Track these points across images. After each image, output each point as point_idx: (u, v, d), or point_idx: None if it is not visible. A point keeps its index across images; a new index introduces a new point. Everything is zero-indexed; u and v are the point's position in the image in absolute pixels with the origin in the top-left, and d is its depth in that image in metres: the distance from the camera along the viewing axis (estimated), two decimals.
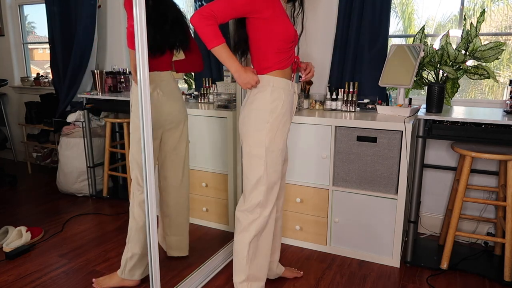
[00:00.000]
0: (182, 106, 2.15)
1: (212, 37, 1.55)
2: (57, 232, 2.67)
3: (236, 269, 1.80)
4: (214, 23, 1.54)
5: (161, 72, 2.05)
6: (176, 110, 2.11)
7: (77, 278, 2.12)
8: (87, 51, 3.45)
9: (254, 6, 1.58)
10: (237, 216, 1.78)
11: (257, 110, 1.68)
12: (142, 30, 1.45)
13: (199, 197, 2.75)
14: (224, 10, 1.55)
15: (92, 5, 3.37)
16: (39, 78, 4.18)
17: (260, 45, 1.67)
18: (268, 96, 1.68)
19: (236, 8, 1.56)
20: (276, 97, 1.68)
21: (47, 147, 4.03)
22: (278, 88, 1.69)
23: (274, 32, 1.63)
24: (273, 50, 1.66)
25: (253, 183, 1.72)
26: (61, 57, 3.51)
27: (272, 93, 1.68)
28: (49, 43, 3.62)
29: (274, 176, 1.73)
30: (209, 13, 1.53)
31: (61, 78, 3.56)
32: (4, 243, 2.43)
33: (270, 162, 1.70)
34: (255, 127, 1.69)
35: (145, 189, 1.60)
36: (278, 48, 1.66)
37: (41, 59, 4.59)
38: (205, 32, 1.55)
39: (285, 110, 1.71)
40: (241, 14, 1.60)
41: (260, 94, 1.69)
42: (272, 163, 1.71)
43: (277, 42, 1.65)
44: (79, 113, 3.21)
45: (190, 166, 2.73)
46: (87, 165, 3.27)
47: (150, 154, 1.57)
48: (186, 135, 2.22)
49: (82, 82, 3.49)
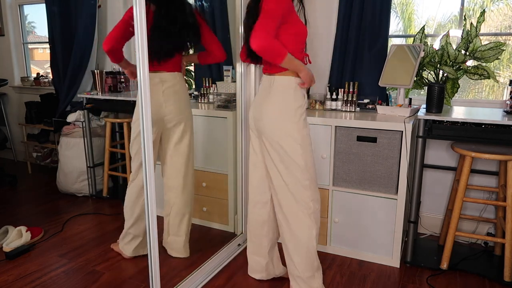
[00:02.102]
0: (184, 106, 2.17)
1: (277, 53, 1.59)
2: (57, 232, 2.67)
3: (306, 265, 1.81)
4: (274, 40, 1.56)
5: (166, 73, 2.06)
6: (176, 110, 2.12)
7: (77, 278, 2.12)
8: (87, 51, 3.45)
9: (284, 11, 1.62)
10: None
11: (285, 112, 1.74)
12: (142, 30, 1.45)
13: (199, 197, 2.75)
14: (272, 25, 1.57)
15: (92, 5, 3.37)
16: (39, 78, 4.18)
17: (287, 48, 1.66)
18: (292, 96, 1.74)
19: (277, 17, 1.59)
20: (299, 96, 1.76)
21: (47, 147, 4.03)
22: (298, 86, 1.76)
23: (297, 33, 1.69)
24: (298, 50, 1.72)
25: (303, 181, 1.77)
26: (61, 57, 3.51)
27: (295, 92, 1.75)
28: (49, 43, 3.62)
29: (311, 167, 1.79)
30: (265, 35, 1.54)
31: (61, 78, 3.56)
32: (4, 243, 2.43)
33: (307, 157, 1.76)
34: (286, 131, 1.74)
35: (145, 189, 1.60)
36: (301, 48, 1.74)
37: (41, 59, 4.60)
38: (271, 52, 1.58)
39: (304, 104, 1.79)
40: (280, 23, 1.63)
41: (286, 95, 1.74)
42: (309, 155, 1.78)
43: (300, 42, 1.72)
44: (79, 113, 3.21)
45: None
46: (87, 165, 3.27)
47: (150, 154, 1.57)
48: (189, 136, 2.22)
49: (82, 82, 3.49)
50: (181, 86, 2.15)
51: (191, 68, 3.24)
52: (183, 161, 2.23)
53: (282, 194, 1.79)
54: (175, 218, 2.27)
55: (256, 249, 2.03)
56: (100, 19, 3.52)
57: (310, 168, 1.77)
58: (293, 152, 1.73)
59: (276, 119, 1.73)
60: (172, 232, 2.29)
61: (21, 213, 2.99)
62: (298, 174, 1.74)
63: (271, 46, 1.55)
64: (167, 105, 2.10)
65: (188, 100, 2.21)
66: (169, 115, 2.12)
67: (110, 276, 2.14)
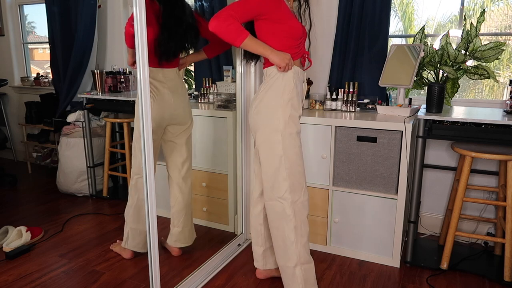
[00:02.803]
0: (187, 103, 2.22)
1: (236, 34, 1.60)
2: (57, 232, 2.67)
3: (286, 254, 1.82)
4: (234, 21, 1.58)
5: (166, 69, 2.09)
6: (181, 107, 2.16)
7: (77, 278, 2.12)
8: (87, 51, 3.45)
9: (264, 8, 1.64)
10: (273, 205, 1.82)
11: (272, 98, 1.75)
12: (142, 30, 1.45)
13: (199, 197, 2.75)
14: (239, 10, 1.60)
15: (92, 5, 3.38)
16: (39, 78, 4.18)
17: (270, 45, 1.71)
18: (279, 82, 1.74)
19: (249, 9, 1.62)
20: (287, 82, 1.75)
21: (47, 147, 4.03)
22: (289, 73, 1.75)
23: (280, 31, 1.70)
24: (282, 48, 1.73)
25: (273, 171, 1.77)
26: (61, 57, 3.51)
27: (283, 78, 1.75)
28: (49, 43, 3.62)
29: (294, 159, 1.76)
30: (226, 15, 1.56)
31: (61, 78, 3.56)
32: (4, 243, 2.43)
33: (288, 145, 1.75)
34: (269, 116, 1.74)
35: (145, 189, 1.60)
36: (288, 45, 1.73)
37: (41, 59, 4.60)
38: (228, 32, 1.58)
39: (295, 94, 1.76)
40: (253, 16, 1.67)
41: (273, 84, 1.76)
42: (290, 146, 1.75)
43: (285, 39, 1.72)
44: (79, 113, 3.21)
45: None
46: (87, 165, 3.27)
47: (150, 154, 1.57)
48: (188, 133, 2.25)
49: (82, 82, 3.50)
50: (182, 82, 2.21)
51: (191, 68, 3.24)
52: (183, 157, 2.25)
53: (264, 181, 1.83)
54: (176, 211, 2.30)
55: (255, 239, 2.07)
56: (100, 19, 3.52)
57: (290, 158, 1.77)
58: (272, 140, 1.75)
59: (260, 108, 1.77)
60: (174, 224, 2.30)
61: (21, 213, 2.99)
62: (276, 163, 1.76)
63: (229, 26, 1.56)
64: (174, 100, 2.13)
65: (187, 96, 2.25)
66: (175, 111, 2.15)
67: (110, 276, 2.14)
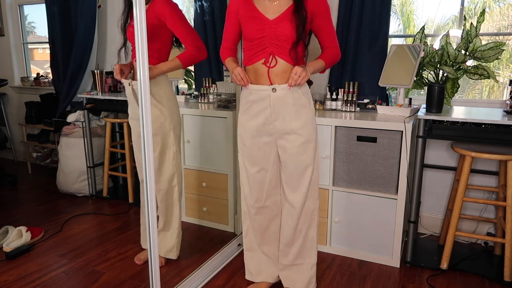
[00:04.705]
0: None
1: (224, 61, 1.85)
2: (57, 232, 2.67)
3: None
4: (224, 51, 1.85)
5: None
6: None
7: (77, 278, 2.12)
8: (87, 51, 3.45)
9: (231, 14, 1.77)
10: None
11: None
12: (142, 30, 1.45)
13: (199, 197, 2.75)
14: (224, 35, 1.83)
15: (92, 5, 3.38)
16: (39, 78, 4.17)
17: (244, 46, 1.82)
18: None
19: (227, 26, 1.80)
20: (244, 94, 1.82)
21: (47, 147, 4.03)
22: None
23: (243, 31, 1.77)
24: (243, 47, 1.79)
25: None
26: (61, 57, 3.51)
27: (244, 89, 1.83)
28: (49, 43, 3.62)
29: (241, 173, 1.89)
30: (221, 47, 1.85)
31: (61, 78, 3.56)
32: (4, 243, 2.43)
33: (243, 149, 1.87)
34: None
35: (145, 189, 1.60)
36: (245, 45, 1.77)
37: (41, 59, 4.60)
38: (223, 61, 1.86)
39: (246, 108, 1.79)
40: (233, 25, 1.79)
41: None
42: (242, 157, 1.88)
43: (244, 40, 1.78)
44: (79, 113, 3.21)
45: (191, 166, 2.73)
46: (87, 165, 3.27)
47: (150, 154, 1.57)
48: (171, 140, 2.12)
49: (82, 82, 3.49)
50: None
51: (191, 68, 3.24)
52: (167, 166, 2.14)
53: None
54: (161, 220, 2.22)
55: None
56: (100, 19, 3.52)
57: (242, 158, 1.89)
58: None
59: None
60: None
61: (21, 213, 2.99)
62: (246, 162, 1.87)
63: (221, 56, 1.89)
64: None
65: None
66: None
67: (110, 276, 2.14)
